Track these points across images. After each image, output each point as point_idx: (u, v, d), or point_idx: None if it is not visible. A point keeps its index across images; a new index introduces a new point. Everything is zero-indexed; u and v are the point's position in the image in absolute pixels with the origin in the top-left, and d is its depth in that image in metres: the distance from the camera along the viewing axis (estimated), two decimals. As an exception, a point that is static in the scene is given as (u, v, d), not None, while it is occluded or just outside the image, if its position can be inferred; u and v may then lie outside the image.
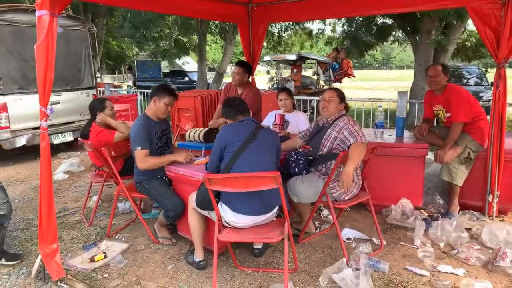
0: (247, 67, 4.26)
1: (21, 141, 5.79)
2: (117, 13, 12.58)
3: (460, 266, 2.74)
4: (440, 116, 3.67)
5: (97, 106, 3.63)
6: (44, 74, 2.46)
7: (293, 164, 2.95)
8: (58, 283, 2.65)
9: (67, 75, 6.54)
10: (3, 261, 2.89)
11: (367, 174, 3.21)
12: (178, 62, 17.79)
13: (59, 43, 2.48)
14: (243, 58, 5.08)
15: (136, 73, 19.17)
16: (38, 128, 6.34)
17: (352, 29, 9.18)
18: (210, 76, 16.79)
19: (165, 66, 19.34)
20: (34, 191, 4.73)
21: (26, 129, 5.84)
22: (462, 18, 7.24)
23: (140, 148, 2.98)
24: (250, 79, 4.52)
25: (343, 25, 9.43)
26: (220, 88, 11.40)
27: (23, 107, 5.76)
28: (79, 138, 3.85)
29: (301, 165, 2.93)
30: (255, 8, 4.64)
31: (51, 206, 2.65)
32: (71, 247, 3.23)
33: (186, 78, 17.99)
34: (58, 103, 6.24)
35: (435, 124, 3.96)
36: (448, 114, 3.53)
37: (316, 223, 3.51)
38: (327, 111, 3.05)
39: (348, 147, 2.85)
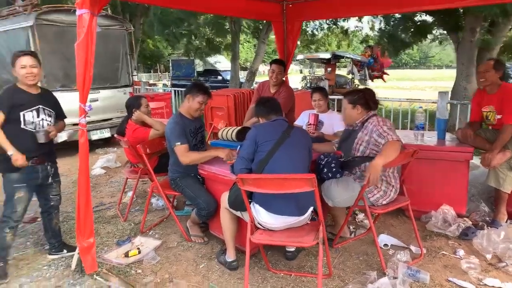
0: (284, 65, 4.20)
1: (62, 137, 6.00)
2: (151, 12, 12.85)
3: (509, 280, 2.54)
4: (489, 118, 3.42)
5: (133, 103, 3.69)
6: (84, 72, 2.51)
7: (325, 169, 2.84)
8: (94, 276, 2.71)
9: (106, 74, 6.74)
10: (65, 253, 3.02)
11: (407, 178, 3.06)
12: (210, 61, 17.94)
13: (98, 42, 2.55)
14: (275, 57, 5.02)
15: (171, 72, 19.60)
16: (77, 124, 6.59)
17: (390, 27, 8.85)
18: (242, 75, 16.85)
19: (199, 65, 19.59)
20: (74, 185, 4.89)
21: (67, 125, 6.05)
22: (508, 15, 6.79)
23: (179, 143, 2.99)
24: (283, 78, 4.46)
25: (380, 22, 9.14)
26: (252, 87, 11.40)
27: (64, 104, 5.90)
28: (115, 135, 3.93)
29: (334, 169, 2.82)
30: (290, 5, 4.56)
31: (89, 201, 2.71)
32: (107, 241, 3.31)
33: (219, 77, 18.12)
34: (97, 100, 6.45)
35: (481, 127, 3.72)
36: (499, 116, 3.29)
37: (351, 227, 3.40)
38: (345, 119, 3.02)
39: None
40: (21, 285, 2.68)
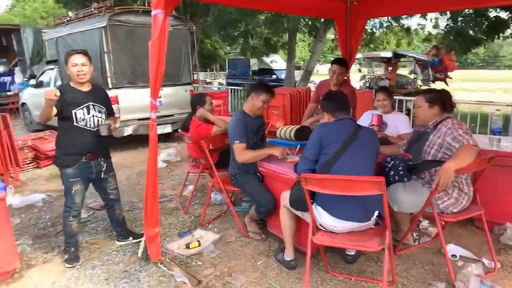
0: (346, 65, 4.10)
1: (128, 131, 6.39)
2: (210, 11, 13.19)
3: None
4: None
5: (197, 101, 3.81)
6: (156, 69, 2.64)
7: (392, 172, 2.73)
8: (159, 264, 2.85)
9: (169, 72, 6.96)
10: (131, 240, 3.21)
11: (481, 186, 2.85)
12: (267, 60, 18.07)
13: None
14: (331, 56, 4.92)
15: (226, 71, 20.09)
16: (142, 119, 6.94)
17: (458, 24, 8.26)
18: (296, 74, 16.75)
19: (255, 64, 19.80)
20: (137, 177, 5.18)
21: (132, 120, 6.42)
22: None
23: (238, 142, 3.05)
24: (345, 78, 4.35)
25: (448, 19, 8.54)
26: (307, 86, 11.28)
27: (131, 100, 6.34)
28: (179, 130, 4.09)
29: (401, 172, 2.70)
30: (355, 3, 4.43)
31: (156, 193, 2.84)
32: (168, 232, 3.45)
33: (273, 76, 18.21)
34: (160, 97, 6.71)
35: None
36: None
37: (414, 234, 3.23)
38: (418, 118, 2.82)
39: None
40: (94, 267, 2.89)
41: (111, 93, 6.03)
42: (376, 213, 2.37)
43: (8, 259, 2.70)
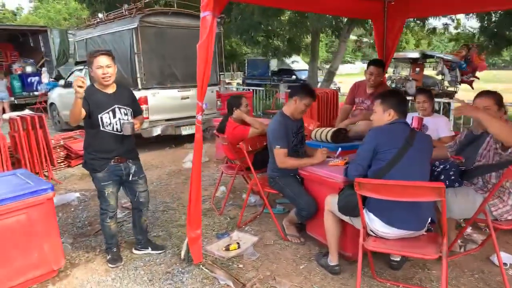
0: (383, 66, 4.03)
1: (157, 131, 6.44)
2: (232, 13, 13.15)
3: None
4: None
5: (234, 102, 3.80)
6: (203, 71, 2.63)
7: (442, 176, 2.63)
8: (201, 266, 2.84)
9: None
10: (149, 250, 3.10)
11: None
12: (288, 61, 17.97)
13: (192, 42, 2.52)
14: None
15: (246, 71, 20.09)
16: (170, 120, 6.93)
17: (493, 23, 7.99)
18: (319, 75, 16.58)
19: (275, 64, 19.73)
20: (168, 177, 5.21)
21: (160, 120, 6.47)
22: None
23: (279, 147, 3.01)
24: (381, 79, 4.27)
25: (482, 18, 8.27)
26: (330, 87, 11.17)
27: (159, 101, 6.40)
28: (215, 132, 4.08)
29: (453, 177, 2.61)
30: (392, 3, 4.35)
31: (199, 195, 2.83)
32: (206, 233, 3.44)
33: (293, 77, 18.09)
34: (188, 98, 6.77)
35: None
36: None
37: (459, 241, 3.14)
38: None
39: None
40: (136, 268, 2.90)
41: (140, 93, 6.14)
42: (430, 219, 2.31)
43: (55, 258, 2.74)
